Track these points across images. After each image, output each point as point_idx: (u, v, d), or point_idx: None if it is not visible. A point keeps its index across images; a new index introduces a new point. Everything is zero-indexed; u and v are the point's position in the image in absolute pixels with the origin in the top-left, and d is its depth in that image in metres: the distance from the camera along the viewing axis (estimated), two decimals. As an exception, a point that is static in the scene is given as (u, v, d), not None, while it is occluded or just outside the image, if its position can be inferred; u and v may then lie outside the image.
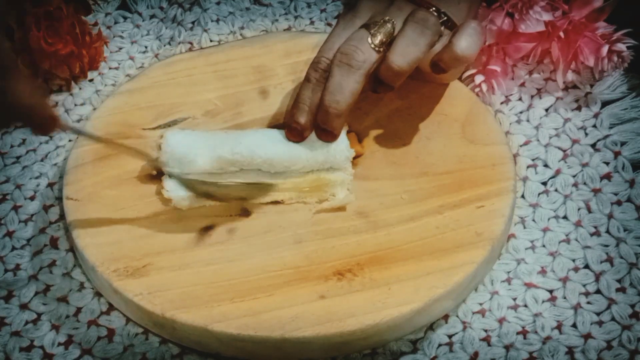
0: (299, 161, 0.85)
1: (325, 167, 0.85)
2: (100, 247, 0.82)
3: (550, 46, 0.96)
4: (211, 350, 0.79)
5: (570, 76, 0.97)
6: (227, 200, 0.85)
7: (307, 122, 0.85)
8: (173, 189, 0.84)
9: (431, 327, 0.81)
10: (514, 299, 0.83)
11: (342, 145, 0.85)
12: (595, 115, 0.94)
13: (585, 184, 0.90)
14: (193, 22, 1.05)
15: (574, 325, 0.81)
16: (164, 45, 1.04)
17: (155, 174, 0.86)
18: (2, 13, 0.94)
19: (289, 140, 0.85)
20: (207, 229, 0.83)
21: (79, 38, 0.97)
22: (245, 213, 0.85)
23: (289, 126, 0.85)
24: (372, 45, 0.85)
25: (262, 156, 0.84)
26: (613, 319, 0.81)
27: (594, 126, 0.94)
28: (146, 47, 1.05)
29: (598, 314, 0.82)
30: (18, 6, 0.95)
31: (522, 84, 0.97)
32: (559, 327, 0.81)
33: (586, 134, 0.93)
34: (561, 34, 0.94)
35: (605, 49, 0.93)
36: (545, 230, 0.87)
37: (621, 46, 0.93)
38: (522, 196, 0.89)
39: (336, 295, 0.78)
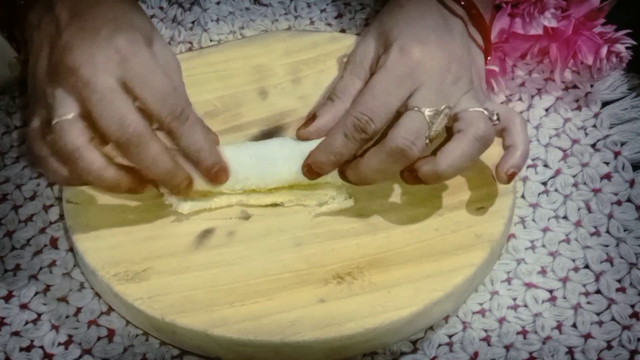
0: (303, 179, 0.85)
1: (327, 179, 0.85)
2: (101, 251, 0.82)
3: (548, 45, 0.96)
4: (211, 355, 0.80)
5: (569, 75, 0.97)
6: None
7: (329, 170, 0.83)
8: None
9: (431, 327, 0.82)
10: (514, 299, 0.83)
11: None
12: (596, 115, 0.94)
13: (585, 184, 0.90)
14: (193, 22, 1.05)
15: (574, 325, 0.81)
16: (164, 45, 1.04)
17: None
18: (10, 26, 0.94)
19: (303, 174, 0.84)
20: (206, 233, 0.83)
21: None
22: (245, 216, 0.85)
23: (310, 167, 0.83)
24: (427, 141, 0.81)
25: (270, 184, 0.85)
26: (613, 319, 0.82)
27: (594, 126, 0.94)
28: (146, 46, 1.04)
29: (598, 314, 0.82)
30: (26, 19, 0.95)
31: (522, 84, 0.97)
32: (559, 327, 0.81)
33: (586, 134, 0.93)
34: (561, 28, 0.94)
35: (604, 50, 0.93)
36: (545, 230, 0.87)
37: (620, 47, 0.93)
38: (522, 196, 0.89)
39: (336, 299, 0.78)
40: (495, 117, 0.82)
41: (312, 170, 0.83)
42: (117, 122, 0.78)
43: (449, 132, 0.82)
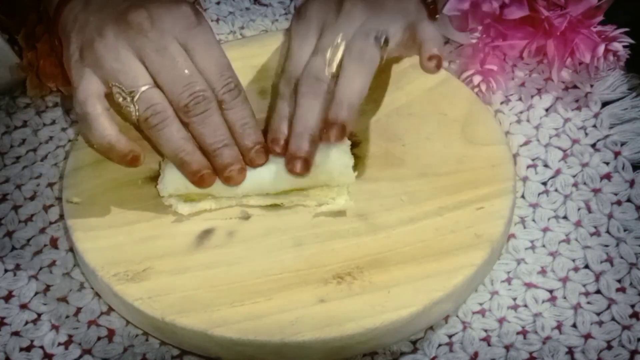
0: (301, 183, 0.84)
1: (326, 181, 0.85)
2: (101, 251, 0.82)
3: (545, 43, 0.96)
4: (211, 354, 0.79)
5: (567, 75, 0.97)
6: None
7: (311, 149, 0.84)
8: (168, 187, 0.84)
9: (431, 327, 0.81)
10: (514, 299, 0.83)
11: (342, 166, 0.84)
12: (596, 115, 0.94)
13: (585, 184, 0.90)
14: (193, 22, 1.05)
15: (574, 325, 0.81)
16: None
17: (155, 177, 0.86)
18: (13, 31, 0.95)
19: (289, 172, 0.84)
20: (206, 233, 0.83)
21: None
22: (245, 216, 0.85)
23: (292, 157, 0.83)
24: (329, 75, 0.84)
25: (270, 191, 0.85)
26: (613, 319, 0.82)
27: (594, 126, 0.94)
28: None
29: (598, 314, 0.82)
30: (27, 24, 0.95)
31: (522, 84, 0.97)
32: (559, 327, 0.81)
33: (586, 134, 0.93)
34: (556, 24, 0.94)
35: (601, 48, 0.93)
36: (545, 230, 0.87)
37: (617, 45, 0.93)
38: (522, 196, 0.89)
39: (336, 299, 0.78)
40: (382, 41, 0.85)
41: (294, 160, 0.83)
42: (188, 88, 0.82)
43: None
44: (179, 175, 0.84)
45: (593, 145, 0.92)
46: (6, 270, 0.86)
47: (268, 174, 0.84)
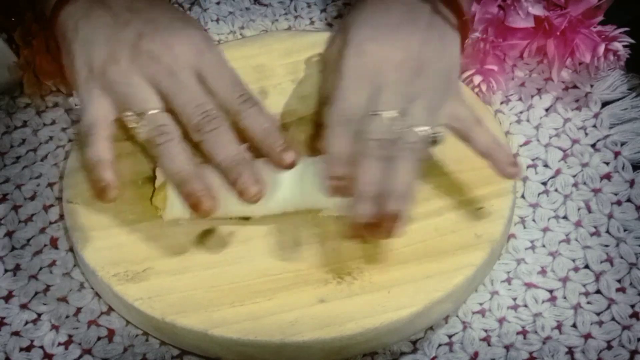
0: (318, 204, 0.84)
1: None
2: (101, 251, 0.82)
3: (545, 43, 0.96)
4: (211, 355, 0.80)
5: (566, 75, 0.97)
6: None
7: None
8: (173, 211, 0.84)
9: (431, 327, 0.82)
10: (514, 299, 0.83)
11: None
12: (596, 115, 0.94)
13: (585, 184, 0.90)
14: (193, 22, 1.06)
15: (574, 325, 0.81)
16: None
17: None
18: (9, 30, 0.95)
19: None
20: (206, 233, 0.83)
21: None
22: (245, 216, 0.85)
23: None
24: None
25: (274, 211, 0.84)
26: (613, 319, 0.82)
27: (594, 126, 0.94)
28: (146, 46, 1.05)
29: (598, 314, 0.82)
30: (23, 23, 0.95)
31: (522, 84, 0.97)
32: (559, 327, 0.81)
33: (586, 134, 0.93)
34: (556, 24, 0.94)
35: (601, 48, 0.93)
36: (545, 230, 0.87)
37: (617, 45, 0.93)
38: (522, 196, 0.89)
39: (336, 299, 0.78)
40: (436, 137, 0.81)
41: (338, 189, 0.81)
42: (199, 108, 0.82)
43: None
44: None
45: (593, 145, 0.92)
46: (6, 270, 0.86)
47: (281, 195, 0.83)
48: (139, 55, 0.83)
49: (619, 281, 0.83)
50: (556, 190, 0.90)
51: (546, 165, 0.91)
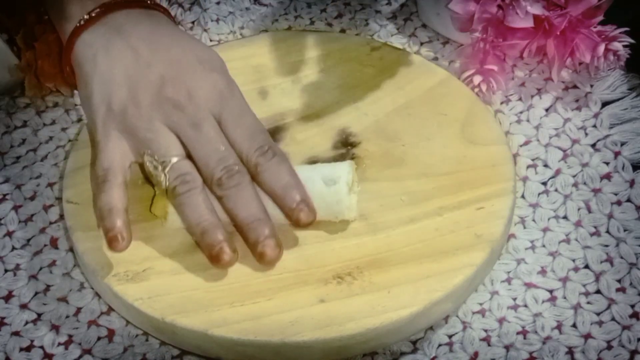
0: None
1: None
2: (100, 251, 0.82)
3: (545, 43, 0.96)
4: (211, 355, 0.79)
5: (566, 75, 0.97)
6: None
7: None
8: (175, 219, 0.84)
9: (431, 327, 0.81)
10: (514, 299, 0.83)
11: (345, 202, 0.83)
12: (596, 115, 0.94)
13: (585, 184, 0.90)
14: (193, 22, 1.05)
15: (574, 325, 0.81)
16: (164, 45, 1.04)
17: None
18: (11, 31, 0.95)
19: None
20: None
21: None
22: None
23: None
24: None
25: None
26: (613, 319, 0.81)
27: (594, 126, 0.94)
28: (146, 46, 1.04)
29: (598, 314, 0.82)
30: (26, 25, 0.95)
31: (522, 84, 0.97)
32: (559, 327, 0.81)
33: (586, 134, 0.93)
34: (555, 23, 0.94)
35: (601, 48, 0.93)
36: (545, 230, 0.87)
37: (617, 45, 0.93)
38: (522, 196, 0.89)
39: (336, 299, 0.78)
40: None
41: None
42: (221, 162, 0.81)
43: None
44: None
45: (593, 145, 0.92)
46: (6, 270, 0.86)
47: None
48: (161, 102, 0.83)
49: (619, 281, 0.83)
50: (556, 190, 0.89)
51: (546, 165, 0.91)
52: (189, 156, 0.83)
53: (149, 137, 0.83)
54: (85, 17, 0.88)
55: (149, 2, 0.90)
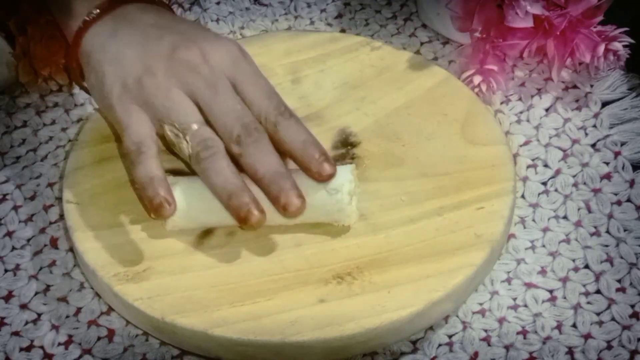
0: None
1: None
2: (100, 250, 0.82)
3: (545, 43, 0.96)
4: (211, 355, 0.79)
5: (566, 75, 0.97)
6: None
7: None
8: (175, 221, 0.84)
9: (431, 327, 0.81)
10: (514, 299, 0.83)
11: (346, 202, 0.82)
12: (596, 115, 0.94)
13: (585, 184, 0.90)
14: (193, 22, 1.06)
15: (574, 325, 0.81)
16: (164, 44, 1.04)
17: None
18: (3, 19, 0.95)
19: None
20: (206, 233, 0.83)
21: None
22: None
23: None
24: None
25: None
26: (613, 319, 0.81)
27: (594, 126, 0.94)
28: (146, 46, 1.04)
29: (598, 314, 0.82)
30: (19, 13, 0.95)
31: (522, 84, 0.97)
32: (559, 327, 0.81)
33: (586, 134, 0.93)
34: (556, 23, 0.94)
35: (601, 48, 0.93)
36: (545, 230, 0.87)
37: (617, 45, 0.93)
38: (522, 196, 0.89)
39: (336, 299, 0.78)
40: None
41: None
42: (239, 120, 0.82)
43: None
44: (194, 206, 0.83)
45: (593, 145, 0.92)
46: (6, 270, 0.86)
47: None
48: (175, 66, 0.83)
49: (619, 281, 0.83)
50: (556, 190, 0.89)
51: (546, 165, 0.91)
52: (208, 123, 0.83)
53: (168, 106, 0.83)
54: (93, 11, 0.88)
55: None
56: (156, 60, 0.84)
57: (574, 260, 0.85)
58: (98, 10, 0.88)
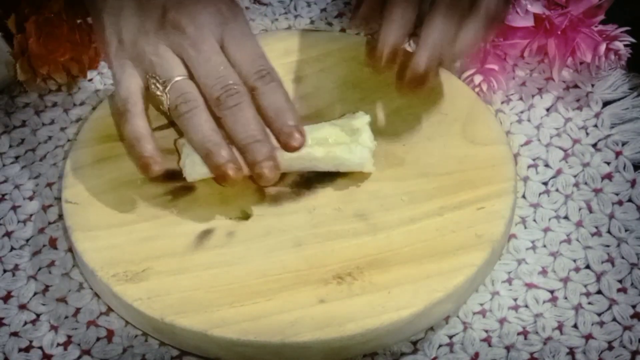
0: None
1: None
2: (100, 251, 0.82)
3: (546, 42, 0.96)
4: (210, 355, 0.79)
5: (567, 74, 0.97)
6: None
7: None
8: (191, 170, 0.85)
9: (431, 328, 0.81)
10: (515, 300, 0.83)
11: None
12: (597, 115, 0.94)
13: (586, 183, 0.90)
14: (193, 22, 1.05)
15: (575, 326, 0.81)
16: (164, 44, 1.04)
17: (154, 177, 0.86)
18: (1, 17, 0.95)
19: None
20: (206, 233, 0.83)
21: (78, 43, 0.97)
22: (245, 216, 0.84)
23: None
24: None
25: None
26: (614, 319, 0.81)
27: (595, 126, 0.94)
28: (146, 45, 1.04)
29: (599, 314, 0.82)
30: (18, 11, 0.95)
31: (523, 84, 0.97)
32: (559, 327, 0.81)
33: (587, 134, 0.93)
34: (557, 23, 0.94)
35: (603, 47, 0.93)
36: (546, 230, 0.87)
37: (618, 44, 0.93)
38: (523, 196, 0.89)
39: (336, 300, 0.78)
40: None
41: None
42: (220, 81, 0.82)
43: None
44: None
45: (594, 145, 0.92)
46: (5, 271, 0.86)
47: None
48: (164, 26, 0.85)
49: (620, 281, 0.83)
50: (557, 190, 0.89)
51: (547, 165, 0.91)
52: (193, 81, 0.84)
53: (153, 61, 0.84)
54: None
55: None
56: (149, 21, 0.86)
57: (575, 261, 0.85)
58: None
